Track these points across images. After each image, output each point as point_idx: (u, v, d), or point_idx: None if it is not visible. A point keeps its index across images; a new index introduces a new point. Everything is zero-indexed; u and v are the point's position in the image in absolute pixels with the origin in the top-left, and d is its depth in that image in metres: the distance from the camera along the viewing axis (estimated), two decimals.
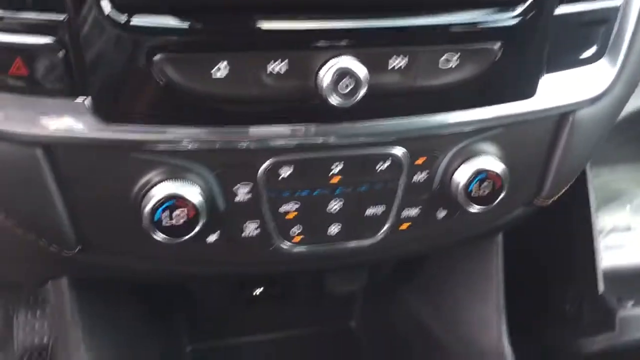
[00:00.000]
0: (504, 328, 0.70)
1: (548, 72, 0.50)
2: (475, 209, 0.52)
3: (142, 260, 0.64)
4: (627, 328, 0.69)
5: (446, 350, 0.77)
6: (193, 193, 0.53)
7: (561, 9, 0.48)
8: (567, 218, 0.76)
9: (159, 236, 0.55)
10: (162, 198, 0.53)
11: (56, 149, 0.54)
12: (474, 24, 0.44)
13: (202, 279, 0.77)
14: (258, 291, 0.86)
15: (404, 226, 0.54)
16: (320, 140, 0.51)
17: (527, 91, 0.48)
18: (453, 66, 0.45)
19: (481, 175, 0.51)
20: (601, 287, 0.72)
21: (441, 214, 0.54)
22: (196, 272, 0.67)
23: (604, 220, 0.84)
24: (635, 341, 0.71)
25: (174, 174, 0.54)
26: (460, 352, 0.74)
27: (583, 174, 0.72)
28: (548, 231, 0.74)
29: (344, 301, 0.95)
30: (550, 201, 0.59)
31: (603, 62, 0.50)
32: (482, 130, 0.51)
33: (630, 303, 0.70)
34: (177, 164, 0.54)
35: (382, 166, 0.52)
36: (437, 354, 0.77)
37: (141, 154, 0.55)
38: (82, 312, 0.74)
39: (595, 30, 0.50)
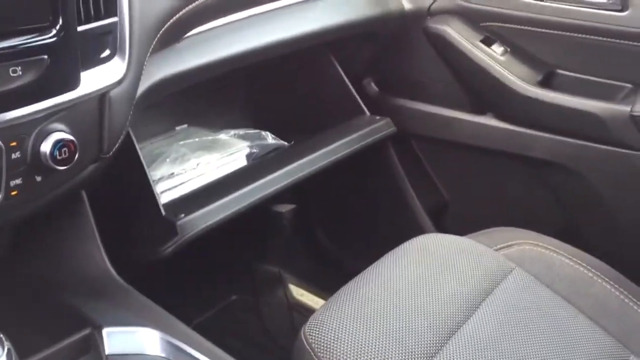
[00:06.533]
0: (105, 258, 0.97)
1: (85, 69, 0.71)
2: (62, 168, 0.71)
3: None
4: (183, 229, 1.02)
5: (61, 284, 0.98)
6: None
7: (81, 28, 0.69)
8: (125, 175, 1.06)
9: None
10: None
11: None
12: (25, 44, 0.64)
13: None
14: None
15: (14, 193, 0.71)
16: None
17: (74, 84, 0.69)
18: (20, 74, 0.64)
19: (60, 144, 0.72)
20: (163, 212, 1.04)
21: (39, 178, 0.73)
22: None
23: (155, 173, 1.19)
24: (195, 234, 1.05)
25: None
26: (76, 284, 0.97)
27: (132, 142, 1.02)
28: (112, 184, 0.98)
29: None
30: (109, 155, 0.82)
31: (117, 59, 0.73)
32: (52, 114, 0.71)
33: (182, 215, 1.04)
34: None
35: None
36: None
37: None
38: None
39: (106, 39, 0.72)
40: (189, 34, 0.96)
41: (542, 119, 1.23)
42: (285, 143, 1.34)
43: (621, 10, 1.09)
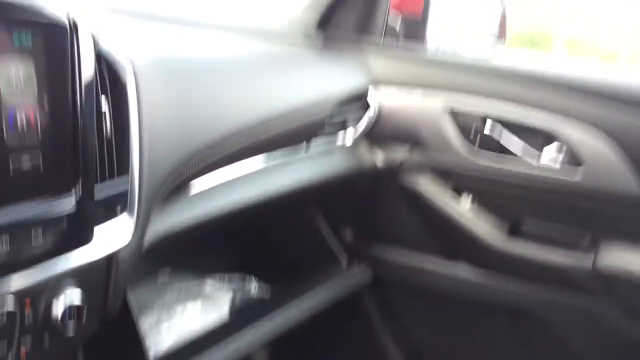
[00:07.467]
0: None
1: (96, 224, 0.74)
2: (71, 328, 0.73)
3: None
4: None
5: None
6: None
7: (98, 192, 0.73)
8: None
9: None
10: None
11: None
12: (47, 210, 0.68)
13: None
14: None
15: (23, 352, 0.72)
16: None
17: (87, 239, 0.72)
18: (40, 236, 0.67)
19: (70, 308, 0.72)
20: None
21: (47, 339, 0.74)
22: None
23: (142, 322, 1.20)
24: None
25: None
26: None
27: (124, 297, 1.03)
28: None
29: None
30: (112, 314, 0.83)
31: (125, 215, 0.77)
32: (63, 276, 0.72)
33: None
34: None
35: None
36: None
37: None
38: None
39: (118, 200, 0.76)
40: (187, 194, 1.00)
41: (511, 267, 1.29)
42: (267, 295, 1.39)
43: (573, 174, 1.18)
